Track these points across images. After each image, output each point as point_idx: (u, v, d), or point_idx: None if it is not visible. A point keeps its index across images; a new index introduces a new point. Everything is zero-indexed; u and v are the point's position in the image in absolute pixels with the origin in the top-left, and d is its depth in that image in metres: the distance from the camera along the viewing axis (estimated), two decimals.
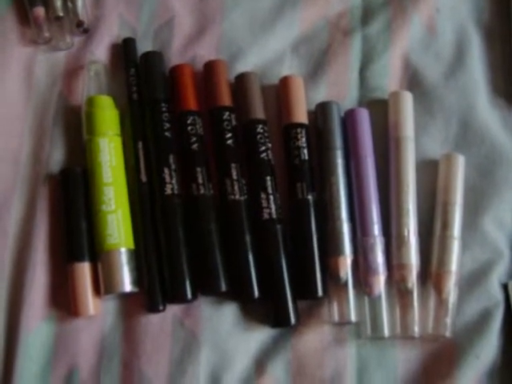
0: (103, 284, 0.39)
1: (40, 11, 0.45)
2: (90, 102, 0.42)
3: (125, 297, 0.40)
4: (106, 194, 0.40)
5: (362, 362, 0.39)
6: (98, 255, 0.40)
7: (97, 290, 0.39)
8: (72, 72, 0.45)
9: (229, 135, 0.42)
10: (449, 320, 0.39)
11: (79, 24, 0.45)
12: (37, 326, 0.39)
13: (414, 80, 0.45)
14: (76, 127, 0.43)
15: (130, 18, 0.46)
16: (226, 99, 0.43)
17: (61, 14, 0.45)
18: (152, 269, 0.40)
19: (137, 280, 0.40)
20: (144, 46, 0.46)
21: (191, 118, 0.42)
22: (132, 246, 0.40)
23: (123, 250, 0.39)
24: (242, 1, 0.47)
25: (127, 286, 0.39)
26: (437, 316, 0.39)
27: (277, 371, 0.39)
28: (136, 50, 0.45)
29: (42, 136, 0.43)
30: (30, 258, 0.40)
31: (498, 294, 0.40)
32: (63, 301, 0.40)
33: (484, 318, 0.39)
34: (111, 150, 0.41)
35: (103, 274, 0.39)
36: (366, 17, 0.46)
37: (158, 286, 0.39)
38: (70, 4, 0.45)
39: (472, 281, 0.40)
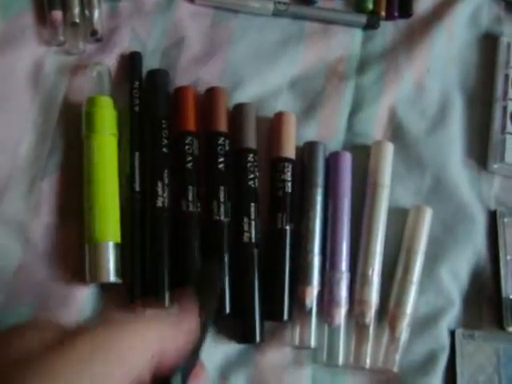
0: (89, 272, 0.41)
1: (58, 15, 0.46)
2: (90, 101, 0.44)
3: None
4: (98, 190, 0.42)
5: (315, 383, 0.43)
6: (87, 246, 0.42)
7: None
8: (78, 75, 0.46)
9: (221, 159, 0.45)
10: (398, 356, 0.42)
11: (93, 32, 0.47)
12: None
13: (397, 132, 0.48)
14: (77, 127, 0.44)
15: (142, 33, 0.48)
16: (222, 125, 0.46)
17: (77, 20, 0.47)
18: (135, 269, 0.42)
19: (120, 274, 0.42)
20: (152, 61, 0.48)
21: (189, 138, 0.45)
22: (118, 241, 0.42)
23: (110, 243, 0.41)
24: (250, 32, 0.49)
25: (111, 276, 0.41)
26: (387, 351, 0.43)
27: (238, 383, 0.42)
28: (141, 64, 0.47)
29: (44, 133, 0.44)
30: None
31: (445, 339, 0.44)
32: None
33: (430, 358, 0.43)
34: (106, 148, 0.43)
35: (89, 263, 0.41)
36: (362, 66, 0.49)
37: (139, 285, 0.42)
38: (87, 12, 0.47)
39: (423, 324, 0.44)
